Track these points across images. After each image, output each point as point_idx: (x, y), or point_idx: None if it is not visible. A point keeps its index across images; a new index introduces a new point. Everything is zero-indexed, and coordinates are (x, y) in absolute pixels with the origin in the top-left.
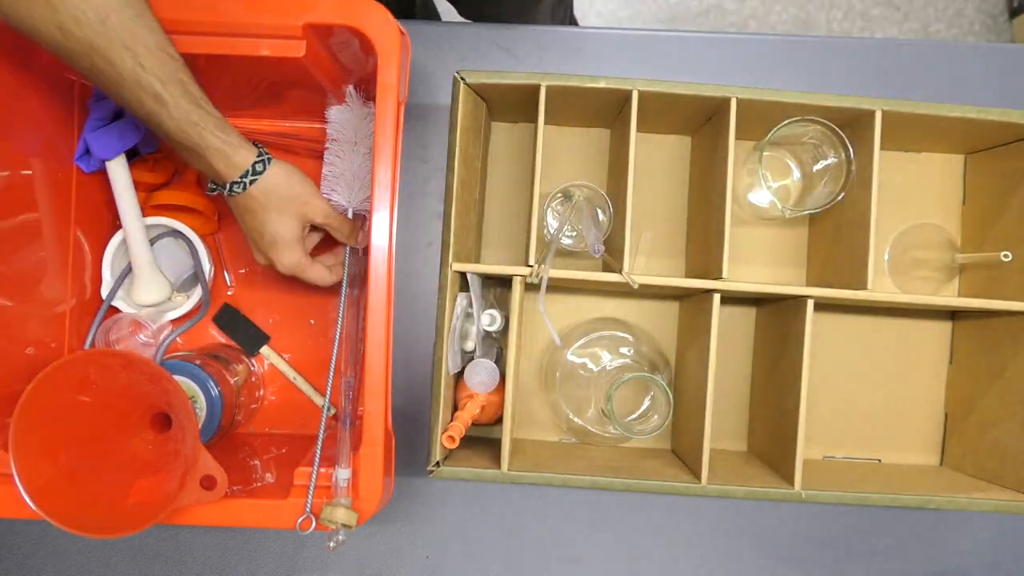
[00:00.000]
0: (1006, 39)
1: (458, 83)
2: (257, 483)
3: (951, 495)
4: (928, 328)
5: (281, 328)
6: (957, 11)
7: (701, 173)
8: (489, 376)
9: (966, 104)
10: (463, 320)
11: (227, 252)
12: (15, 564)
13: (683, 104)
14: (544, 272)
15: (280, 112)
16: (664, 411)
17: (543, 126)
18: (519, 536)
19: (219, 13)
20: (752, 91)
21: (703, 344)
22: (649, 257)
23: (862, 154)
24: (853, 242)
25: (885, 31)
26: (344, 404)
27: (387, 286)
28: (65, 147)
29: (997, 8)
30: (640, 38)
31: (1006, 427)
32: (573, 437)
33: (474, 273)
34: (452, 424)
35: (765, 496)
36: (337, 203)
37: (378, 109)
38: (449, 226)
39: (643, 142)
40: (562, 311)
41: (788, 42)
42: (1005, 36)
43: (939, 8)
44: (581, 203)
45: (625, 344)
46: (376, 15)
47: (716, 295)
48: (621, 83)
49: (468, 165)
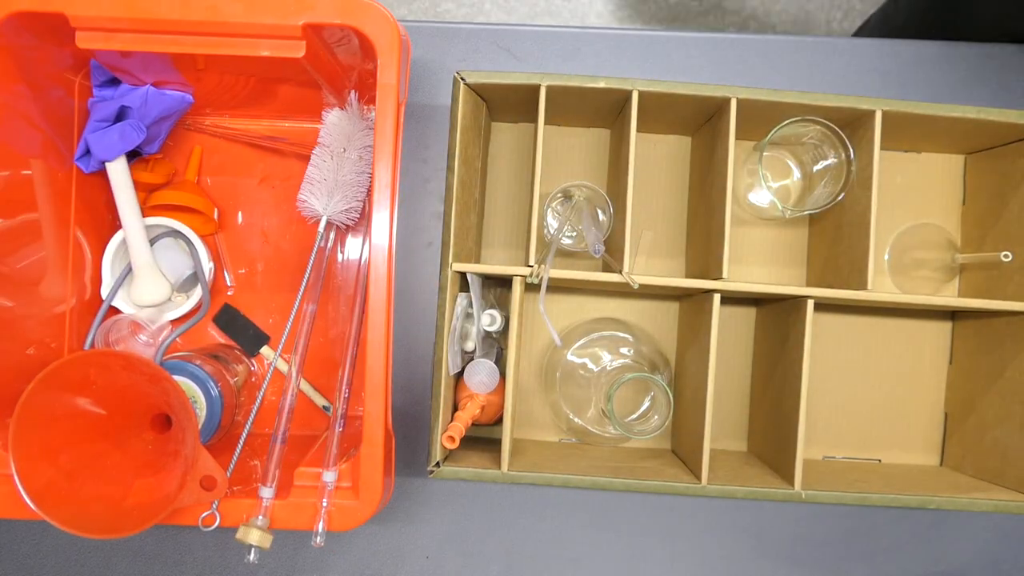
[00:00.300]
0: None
1: (458, 83)
2: (257, 483)
3: (951, 495)
4: (928, 328)
5: (281, 328)
6: None
7: (701, 173)
8: (489, 376)
9: (966, 104)
10: (463, 320)
11: (227, 252)
12: (15, 564)
13: (683, 104)
14: (544, 272)
15: (277, 112)
16: (664, 411)
17: (543, 126)
18: (519, 536)
19: (219, 13)
20: (752, 91)
21: (703, 344)
22: (649, 257)
23: (862, 154)
24: (853, 242)
25: None
26: (338, 405)
27: (387, 286)
28: (65, 147)
29: None
30: (640, 38)
31: (1006, 427)
32: (573, 437)
33: (474, 273)
34: (452, 424)
35: (765, 496)
36: (312, 209)
37: (378, 109)
38: (449, 226)
39: (643, 142)
40: (562, 311)
41: (788, 42)
42: None
43: None
44: (581, 203)
45: (625, 344)
46: (376, 15)
47: (716, 295)
48: (621, 83)
49: (468, 165)
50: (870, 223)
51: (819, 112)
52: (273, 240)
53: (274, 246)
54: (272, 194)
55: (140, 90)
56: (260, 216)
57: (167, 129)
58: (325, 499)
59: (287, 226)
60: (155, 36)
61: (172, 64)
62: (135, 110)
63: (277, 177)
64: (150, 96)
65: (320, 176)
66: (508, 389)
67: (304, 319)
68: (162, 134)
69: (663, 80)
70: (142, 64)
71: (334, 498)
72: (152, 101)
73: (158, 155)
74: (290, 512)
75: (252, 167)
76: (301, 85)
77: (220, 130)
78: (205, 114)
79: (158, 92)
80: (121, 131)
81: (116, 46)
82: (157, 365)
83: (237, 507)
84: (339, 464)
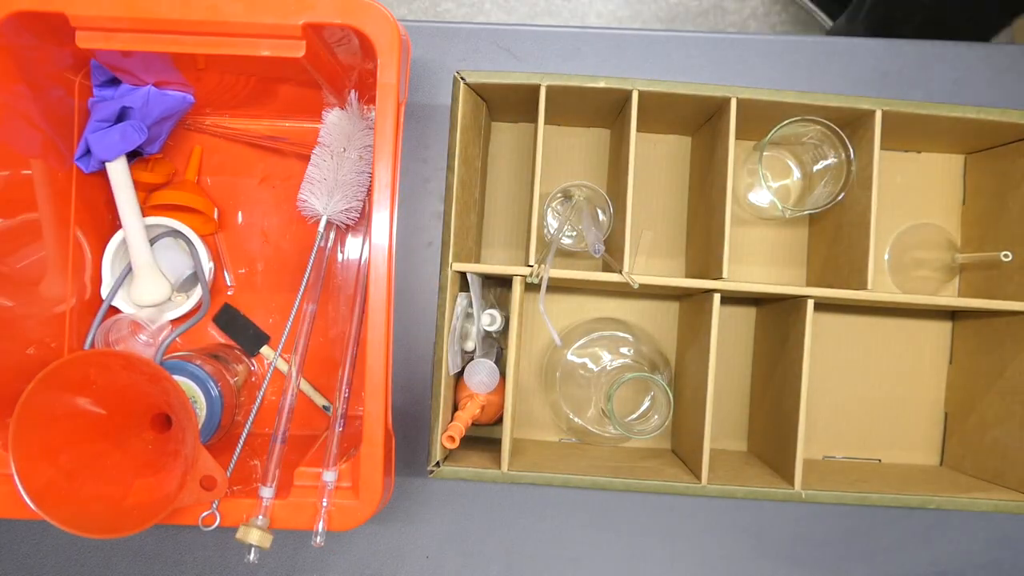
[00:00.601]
0: (1006, 39)
1: (458, 83)
2: (257, 483)
3: (951, 495)
4: (928, 328)
5: (281, 328)
6: None
7: (701, 173)
8: (489, 376)
9: (966, 104)
10: (463, 320)
11: (227, 252)
12: (15, 564)
13: (683, 104)
14: (544, 272)
15: (277, 111)
16: (664, 411)
17: (543, 126)
18: (519, 536)
19: (219, 13)
20: (752, 91)
21: (703, 344)
22: (649, 257)
23: (862, 154)
24: (853, 242)
25: None
26: (339, 405)
27: (387, 286)
28: (65, 147)
29: None
30: (640, 38)
31: (1006, 427)
32: (573, 437)
33: (474, 273)
34: (452, 424)
35: (765, 496)
36: (312, 208)
37: (378, 109)
38: (449, 226)
39: (643, 142)
40: (562, 311)
41: (788, 42)
42: (1005, 36)
43: None
44: (581, 203)
45: (625, 344)
46: (376, 15)
47: (716, 295)
48: (621, 83)
49: (468, 165)
50: (870, 223)
51: (819, 112)
52: (273, 240)
53: (274, 246)
54: (272, 194)
55: (141, 90)
56: (260, 216)
57: (168, 129)
58: (325, 499)
59: (287, 226)
60: (155, 36)
61: (173, 64)
62: (136, 110)
63: (277, 177)
64: (152, 96)
65: (320, 176)
66: (508, 389)
67: (304, 319)
68: (163, 134)
69: (663, 80)
70: (143, 64)
71: (334, 498)
72: (154, 101)
73: (158, 155)
74: (290, 512)
75: (252, 167)
76: (301, 85)
77: (220, 130)
78: (205, 114)
79: (160, 92)
80: (122, 131)
81: (116, 46)
82: (157, 365)
83: (237, 507)
84: (339, 464)
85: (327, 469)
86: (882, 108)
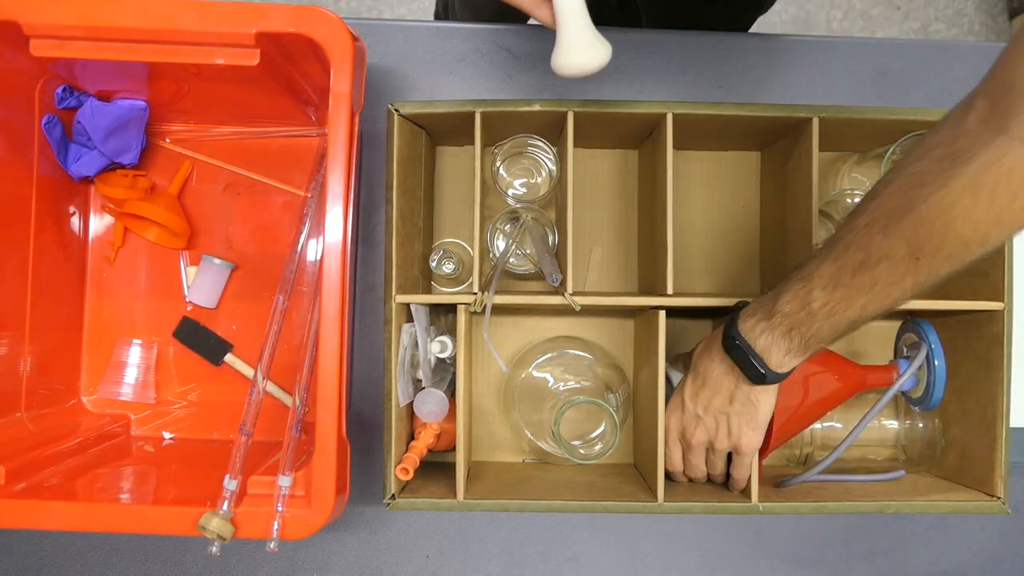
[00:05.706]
0: (1006, 39)
1: (392, 115)
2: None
3: (908, 499)
4: (881, 328)
5: (245, 334)
6: (957, 11)
7: (647, 187)
8: (438, 406)
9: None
10: (412, 349)
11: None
12: (15, 564)
13: (622, 121)
14: (488, 300)
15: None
16: (610, 438)
17: (480, 151)
18: (519, 536)
19: (173, 22)
20: (687, 105)
21: (653, 362)
22: (601, 274)
23: (802, 159)
24: (799, 251)
25: (885, 31)
26: (297, 408)
27: (340, 291)
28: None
29: (997, 8)
30: (640, 38)
31: (963, 425)
32: (535, 457)
33: (418, 303)
34: (407, 456)
35: (723, 511)
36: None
37: (331, 117)
38: (391, 259)
39: (591, 157)
40: (517, 332)
41: (788, 42)
42: (1005, 36)
43: (939, 8)
44: (529, 223)
45: (580, 364)
46: (328, 23)
47: (662, 312)
48: (556, 105)
49: (409, 195)
50: (811, 232)
51: (759, 121)
52: (238, 246)
53: (239, 252)
54: (237, 200)
55: (87, 102)
56: (224, 223)
57: (137, 139)
58: (280, 504)
59: (253, 233)
60: (110, 44)
61: (131, 72)
62: (84, 122)
63: (241, 184)
64: (94, 108)
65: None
66: (459, 417)
67: (273, 320)
68: (132, 145)
69: (597, 100)
70: (102, 72)
71: (288, 506)
72: (97, 113)
73: (139, 171)
74: (243, 519)
75: (216, 173)
76: (274, 95)
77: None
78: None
79: (102, 104)
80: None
81: (71, 54)
82: None
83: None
84: (294, 470)
85: (282, 474)
86: (819, 115)
